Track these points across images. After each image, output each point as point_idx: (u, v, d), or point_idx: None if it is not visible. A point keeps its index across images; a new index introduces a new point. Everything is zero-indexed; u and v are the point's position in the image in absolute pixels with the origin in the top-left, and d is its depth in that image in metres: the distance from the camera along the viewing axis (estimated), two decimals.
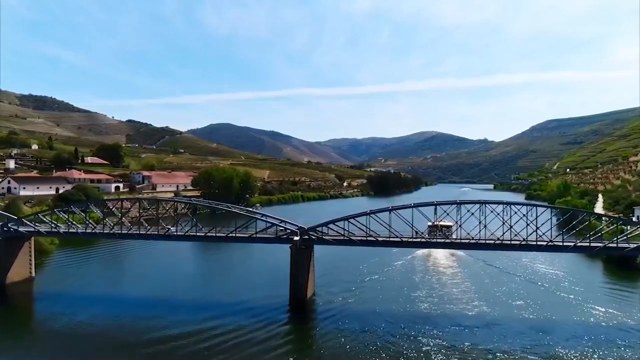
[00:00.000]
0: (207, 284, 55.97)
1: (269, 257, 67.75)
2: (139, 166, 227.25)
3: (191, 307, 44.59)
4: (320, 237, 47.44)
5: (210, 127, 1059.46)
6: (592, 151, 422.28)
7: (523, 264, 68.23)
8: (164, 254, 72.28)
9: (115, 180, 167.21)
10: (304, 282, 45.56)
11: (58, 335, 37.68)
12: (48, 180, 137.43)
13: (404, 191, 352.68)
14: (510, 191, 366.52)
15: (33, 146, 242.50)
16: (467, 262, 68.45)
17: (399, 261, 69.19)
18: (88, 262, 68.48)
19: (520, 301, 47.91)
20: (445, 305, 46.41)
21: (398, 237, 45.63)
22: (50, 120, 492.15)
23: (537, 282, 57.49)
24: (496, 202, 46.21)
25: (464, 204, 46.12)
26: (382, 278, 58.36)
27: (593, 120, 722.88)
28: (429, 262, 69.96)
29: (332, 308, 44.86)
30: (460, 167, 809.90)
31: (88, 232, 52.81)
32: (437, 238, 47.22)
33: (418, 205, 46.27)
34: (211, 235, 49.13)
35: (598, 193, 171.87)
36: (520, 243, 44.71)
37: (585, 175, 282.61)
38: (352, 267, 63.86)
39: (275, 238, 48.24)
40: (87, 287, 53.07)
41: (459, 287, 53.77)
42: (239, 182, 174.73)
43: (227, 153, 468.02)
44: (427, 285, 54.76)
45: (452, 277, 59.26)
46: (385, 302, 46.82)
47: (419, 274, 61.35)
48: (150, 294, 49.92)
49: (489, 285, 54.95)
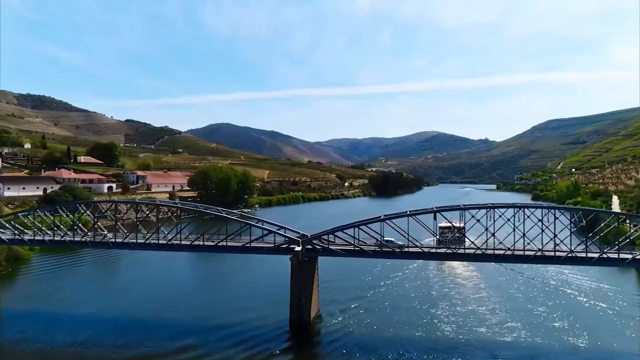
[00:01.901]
0: (192, 301, 47.94)
1: (266, 266, 60.62)
2: (134, 166, 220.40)
3: (170, 332, 37.41)
4: (325, 247, 40.41)
5: (210, 127, 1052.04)
6: (597, 151, 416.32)
7: (552, 271, 61.03)
8: (149, 262, 65.31)
9: (108, 180, 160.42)
10: (306, 300, 38.59)
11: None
12: (35, 180, 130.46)
13: (406, 191, 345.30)
14: (514, 191, 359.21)
15: (26, 145, 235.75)
16: (487, 269, 61.11)
17: (410, 265, 62.38)
18: (67, 271, 61.61)
19: (560, 321, 40.89)
20: (474, 328, 39.29)
21: (418, 247, 38.65)
22: (48, 120, 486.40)
23: (575, 294, 50.41)
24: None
25: (496, 208, 39.06)
26: (394, 291, 51.35)
27: (595, 120, 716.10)
28: (444, 268, 63.12)
29: (340, 333, 37.73)
30: (461, 167, 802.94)
31: (56, 240, 45.71)
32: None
33: (441, 209, 39.29)
34: (198, 244, 42.00)
35: (612, 194, 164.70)
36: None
37: (592, 175, 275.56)
38: (359, 275, 56.98)
39: (273, 248, 41.16)
40: (58, 305, 46.11)
41: (484, 303, 46.72)
42: (237, 182, 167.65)
43: (227, 153, 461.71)
44: (446, 300, 47.72)
45: (474, 290, 52.23)
46: (402, 325, 39.78)
47: (436, 285, 54.33)
48: (126, 314, 42.77)
49: (520, 301, 47.81)
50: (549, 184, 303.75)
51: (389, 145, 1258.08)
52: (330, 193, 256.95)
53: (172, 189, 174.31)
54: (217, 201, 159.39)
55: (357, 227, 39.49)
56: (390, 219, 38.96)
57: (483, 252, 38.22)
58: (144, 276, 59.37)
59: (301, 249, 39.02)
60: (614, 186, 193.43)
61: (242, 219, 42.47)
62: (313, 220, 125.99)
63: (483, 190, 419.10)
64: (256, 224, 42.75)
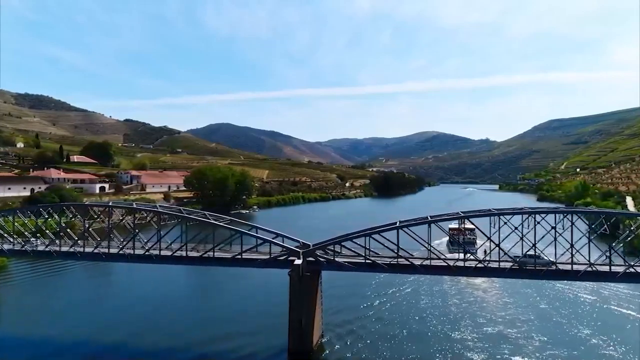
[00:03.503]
0: (172, 322, 40.21)
1: (262, 275, 53.96)
2: (130, 165, 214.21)
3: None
4: (331, 259, 34.05)
5: (210, 127, 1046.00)
6: (601, 151, 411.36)
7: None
8: (132, 270, 58.69)
9: (101, 180, 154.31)
10: (308, 323, 32.28)
11: None
12: (23, 180, 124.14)
13: (408, 192, 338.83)
14: (518, 192, 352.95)
15: (18, 144, 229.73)
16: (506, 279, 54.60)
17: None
18: (45, 280, 55.21)
19: (613, 348, 34.48)
20: (509, 359, 32.92)
21: (442, 260, 32.31)
22: (46, 120, 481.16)
23: (622, 310, 43.89)
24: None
25: (537, 213, 32.72)
26: (409, 307, 44.90)
27: (596, 120, 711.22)
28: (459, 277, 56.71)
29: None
30: (462, 167, 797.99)
31: (15, 250, 39.25)
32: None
33: (468, 215, 32.98)
34: (179, 255, 35.59)
35: (624, 194, 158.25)
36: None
37: (599, 175, 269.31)
38: (365, 286, 50.62)
39: (270, 260, 34.73)
40: (18, 326, 39.69)
41: (514, 323, 40.13)
42: (235, 182, 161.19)
43: (226, 153, 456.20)
44: (469, 319, 41.27)
45: (498, 305, 45.76)
46: (421, 353, 33.49)
47: (454, 299, 47.87)
48: (92, 339, 36.08)
49: (556, 320, 41.10)
50: (553, 184, 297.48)
51: (389, 145, 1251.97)
52: (331, 193, 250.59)
53: (167, 190, 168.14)
54: (215, 202, 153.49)
55: (369, 235, 33.15)
56: (408, 226, 32.59)
57: (526, 267, 31.70)
58: (122, 288, 52.82)
59: (302, 262, 32.71)
60: (625, 186, 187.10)
61: (233, 226, 36.13)
62: (314, 221, 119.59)
63: (485, 190, 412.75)
64: (248, 231, 36.34)
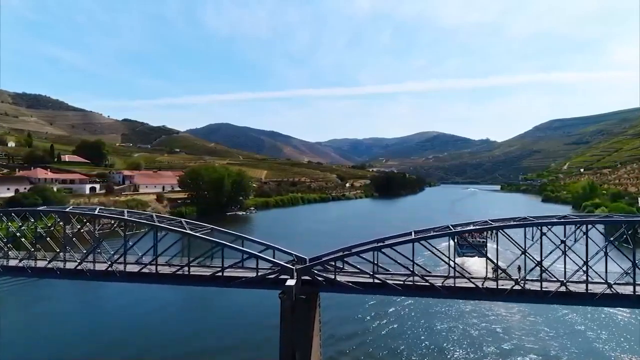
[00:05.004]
0: (146, 349, 33.80)
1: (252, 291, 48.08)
2: (124, 165, 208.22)
3: None
4: (331, 277, 27.87)
5: (210, 127, 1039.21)
6: (605, 150, 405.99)
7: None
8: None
9: (91, 180, 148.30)
10: (303, 357, 26.21)
11: None
12: (6, 180, 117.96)
13: (409, 192, 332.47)
14: (520, 192, 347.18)
15: (10, 143, 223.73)
16: None
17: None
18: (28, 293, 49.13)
19: None
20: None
21: (470, 280, 26.06)
22: (44, 119, 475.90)
23: None
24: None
25: (588, 223, 26.50)
26: (425, 331, 38.75)
27: (597, 120, 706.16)
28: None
29: None
30: (463, 168, 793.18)
31: None
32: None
33: (502, 226, 26.71)
34: (147, 272, 29.44)
35: (635, 195, 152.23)
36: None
37: (605, 175, 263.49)
38: (372, 303, 44.52)
39: (256, 280, 28.50)
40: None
41: (548, 353, 34.00)
42: (232, 182, 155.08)
43: (225, 153, 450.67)
44: (494, 345, 35.15)
45: (523, 328, 39.29)
46: None
47: (473, 319, 41.54)
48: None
49: (597, 347, 35.14)
50: (557, 185, 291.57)
51: (389, 145, 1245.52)
52: (331, 194, 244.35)
53: (161, 190, 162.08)
54: (210, 203, 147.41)
55: (378, 250, 27.01)
56: (426, 238, 26.42)
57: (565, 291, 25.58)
58: (91, 304, 46.68)
59: (296, 282, 26.58)
60: (634, 187, 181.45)
61: (214, 237, 30.03)
62: (314, 222, 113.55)
63: (488, 190, 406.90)
64: (233, 242, 30.22)
